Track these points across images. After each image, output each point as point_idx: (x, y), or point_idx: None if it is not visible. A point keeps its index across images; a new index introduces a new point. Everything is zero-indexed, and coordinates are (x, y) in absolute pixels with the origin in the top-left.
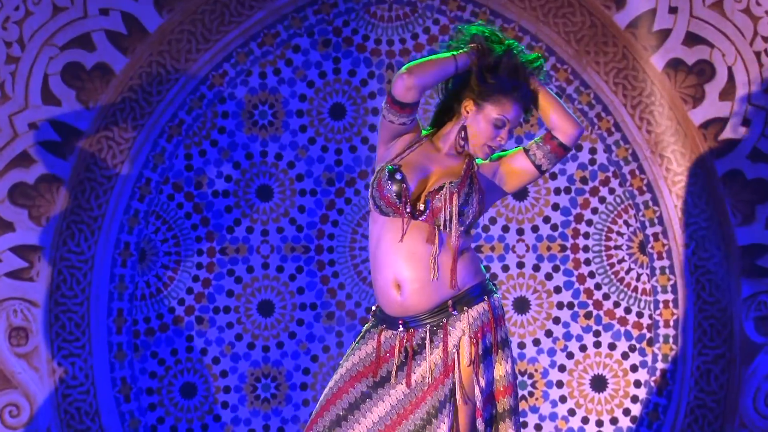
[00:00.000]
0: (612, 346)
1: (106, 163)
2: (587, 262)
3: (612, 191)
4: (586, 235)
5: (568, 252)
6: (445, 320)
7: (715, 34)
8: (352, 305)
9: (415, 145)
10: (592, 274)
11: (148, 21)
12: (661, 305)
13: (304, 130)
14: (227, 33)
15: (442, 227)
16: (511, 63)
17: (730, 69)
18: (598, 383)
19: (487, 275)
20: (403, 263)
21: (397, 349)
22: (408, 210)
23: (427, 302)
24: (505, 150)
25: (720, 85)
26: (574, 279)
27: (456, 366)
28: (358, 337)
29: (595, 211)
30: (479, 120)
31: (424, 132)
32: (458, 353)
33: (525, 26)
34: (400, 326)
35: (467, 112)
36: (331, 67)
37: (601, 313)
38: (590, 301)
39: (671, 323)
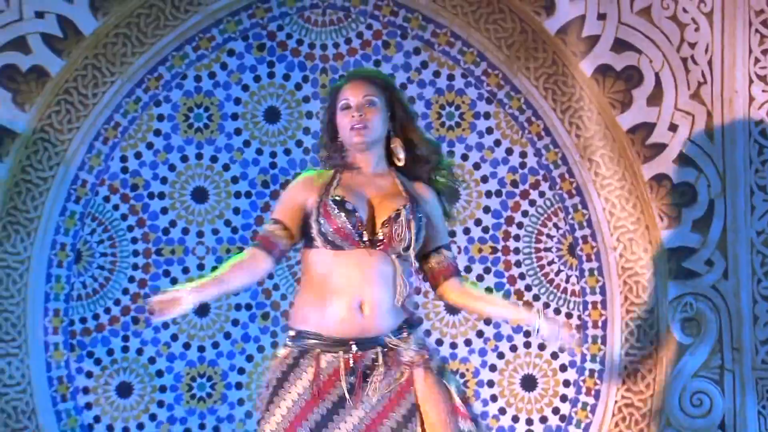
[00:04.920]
0: (542, 347)
1: (42, 165)
2: (518, 264)
3: (542, 194)
4: (517, 238)
5: (499, 254)
6: (395, 339)
7: (643, 41)
8: (287, 306)
9: (337, 177)
10: (522, 276)
11: (83, 24)
12: (589, 306)
13: (239, 133)
14: (163, 36)
15: (401, 252)
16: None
17: (657, 75)
18: (528, 383)
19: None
20: (371, 287)
21: (342, 370)
22: (365, 240)
23: (389, 323)
24: (437, 233)
25: (647, 91)
26: (504, 280)
27: (416, 381)
28: (281, 371)
29: (525, 213)
30: (337, 118)
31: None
32: (412, 370)
33: (456, 32)
34: (353, 346)
35: (336, 125)
36: (265, 71)
37: None
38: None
39: (599, 324)
